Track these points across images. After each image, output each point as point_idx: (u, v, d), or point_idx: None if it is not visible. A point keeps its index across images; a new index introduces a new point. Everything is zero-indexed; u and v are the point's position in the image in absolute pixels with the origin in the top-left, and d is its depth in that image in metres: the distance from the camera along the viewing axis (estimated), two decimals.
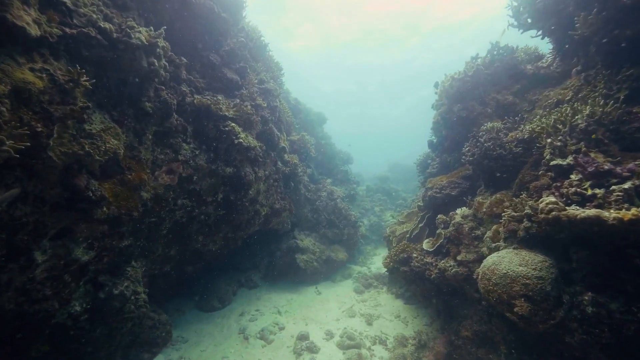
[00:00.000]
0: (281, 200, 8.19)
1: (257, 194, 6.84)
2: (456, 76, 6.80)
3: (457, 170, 6.65)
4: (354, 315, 7.84)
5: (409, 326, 7.22)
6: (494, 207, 4.69)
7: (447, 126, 7.13)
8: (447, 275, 5.24)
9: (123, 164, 4.28)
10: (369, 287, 9.61)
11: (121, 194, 4.23)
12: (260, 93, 6.59)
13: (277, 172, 7.74)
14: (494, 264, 3.90)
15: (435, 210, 7.05)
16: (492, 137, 4.75)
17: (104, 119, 3.91)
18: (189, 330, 7.18)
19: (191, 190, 5.55)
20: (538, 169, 4.27)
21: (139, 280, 4.79)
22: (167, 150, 5.05)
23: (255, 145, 6.06)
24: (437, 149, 8.11)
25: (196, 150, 5.44)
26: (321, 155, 14.00)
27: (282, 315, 7.84)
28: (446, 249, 5.62)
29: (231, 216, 6.57)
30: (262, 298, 8.84)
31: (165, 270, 6.46)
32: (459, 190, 6.20)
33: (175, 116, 4.96)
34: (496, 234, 4.50)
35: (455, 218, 5.40)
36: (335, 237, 10.80)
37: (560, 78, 6.17)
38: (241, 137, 5.59)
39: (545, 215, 3.16)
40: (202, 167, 5.55)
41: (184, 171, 5.30)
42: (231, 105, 5.76)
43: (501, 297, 3.71)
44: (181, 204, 5.49)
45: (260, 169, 6.85)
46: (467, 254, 5.00)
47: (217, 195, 6.04)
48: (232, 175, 6.07)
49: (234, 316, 7.85)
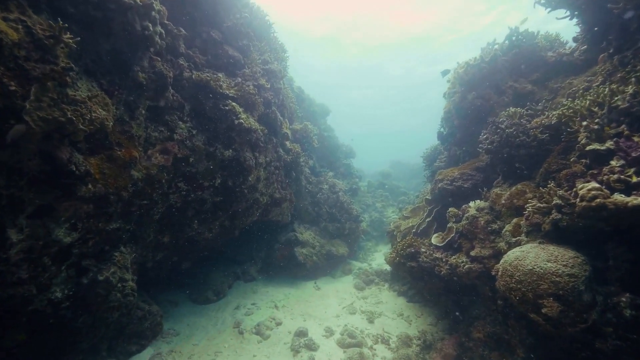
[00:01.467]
0: (282, 190, 7.81)
1: (257, 181, 6.46)
2: (471, 62, 6.42)
3: (469, 162, 6.29)
4: (354, 312, 7.50)
5: (413, 325, 6.89)
6: (515, 198, 4.33)
7: (460, 115, 6.76)
8: (459, 272, 4.90)
9: (112, 138, 3.90)
10: (370, 283, 9.28)
11: (109, 171, 3.85)
12: (264, 74, 6.20)
13: (279, 159, 7.36)
14: (517, 260, 3.54)
15: (444, 204, 6.69)
16: (514, 123, 4.38)
17: (92, 87, 3.52)
18: (181, 322, 6.83)
19: (187, 173, 5.17)
20: (567, 156, 3.91)
21: (127, 266, 4.42)
22: (161, 128, 4.66)
23: (257, 128, 5.67)
24: (447, 141, 7.74)
25: (193, 130, 5.06)
26: (323, 148, 13.62)
27: (280, 310, 7.50)
28: (458, 244, 5.27)
29: (229, 203, 6.20)
30: (259, 292, 8.50)
31: (158, 258, 6.10)
32: (472, 183, 5.85)
33: (172, 91, 4.57)
34: (517, 227, 4.14)
35: (469, 211, 5.04)
36: (336, 231, 10.45)
37: (584, 66, 5.79)
38: (242, 118, 5.20)
39: (587, 203, 2.80)
40: (199, 148, 5.16)
41: (180, 152, 4.92)
42: (232, 84, 5.37)
43: (526, 296, 3.36)
44: (176, 187, 5.12)
45: (261, 154, 6.47)
46: (482, 249, 4.65)
47: (215, 180, 5.66)
48: (231, 159, 5.69)
49: (229, 309, 7.51)
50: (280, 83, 6.87)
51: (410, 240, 6.02)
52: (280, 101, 7.12)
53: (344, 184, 12.00)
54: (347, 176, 13.56)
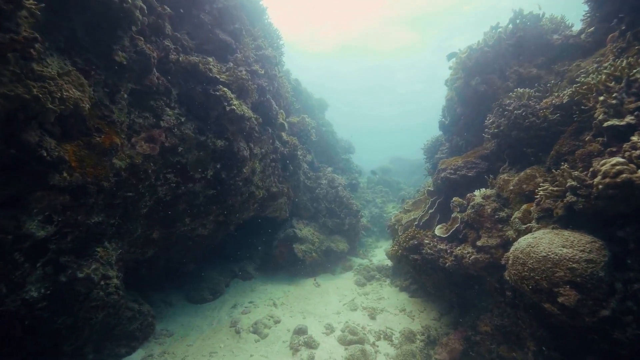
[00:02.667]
0: (279, 184, 7.54)
1: (252, 173, 6.18)
2: (474, 46, 6.14)
3: (473, 150, 6.02)
4: (355, 308, 7.24)
5: (416, 320, 6.62)
6: (524, 184, 4.06)
7: (463, 102, 6.48)
8: (465, 263, 4.63)
9: (90, 123, 3.61)
10: (371, 279, 9.01)
11: (87, 158, 3.57)
12: (257, 60, 5.92)
13: (275, 151, 7.08)
14: (529, 247, 3.28)
15: (447, 195, 6.43)
16: (523, 105, 4.12)
17: (65, 65, 3.24)
18: (175, 322, 6.56)
19: (176, 163, 4.89)
20: (580, 137, 3.65)
21: (111, 263, 4.14)
22: (146, 114, 4.38)
23: (251, 116, 5.39)
24: (449, 131, 7.46)
25: (182, 117, 4.78)
26: (322, 143, 13.34)
27: (278, 308, 7.23)
28: (463, 235, 5.01)
29: (223, 197, 5.92)
30: (257, 290, 8.23)
31: (149, 255, 5.81)
32: (476, 171, 5.58)
33: (157, 74, 4.29)
34: (527, 214, 3.87)
35: (475, 199, 4.77)
36: (335, 227, 10.18)
37: (592, 48, 5.53)
38: (234, 104, 4.92)
39: (611, 180, 2.53)
40: (189, 137, 4.88)
41: (167, 140, 4.64)
42: (223, 70, 5.09)
43: (539, 284, 3.09)
44: (164, 178, 4.83)
45: (256, 145, 6.19)
46: (489, 238, 4.39)
47: (207, 171, 5.38)
48: (223, 149, 5.41)
49: (226, 308, 7.24)
50: (275, 70, 6.59)
51: (413, 232, 5.75)
52: (275, 89, 6.84)
53: (343, 179, 11.73)
54: (347, 171, 13.28)
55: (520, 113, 4.04)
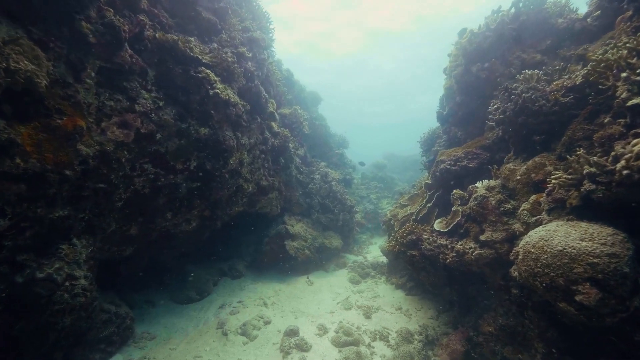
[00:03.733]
0: (269, 177, 7.15)
1: (240, 165, 5.78)
2: (476, 31, 5.82)
3: (474, 140, 5.72)
4: (350, 307, 6.92)
5: (413, 319, 6.33)
6: (532, 173, 3.76)
7: (463, 91, 6.17)
8: (467, 259, 4.33)
9: (50, 103, 3.18)
10: (365, 277, 8.71)
11: (46, 143, 3.14)
12: (245, 43, 5.51)
13: (265, 142, 6.68)
14: (542, 240, 2.97)
15: (446, 188, 6.12)
16: (531, 87, 3.81)
17: (15, 34, 2.80)
18: (158, 324, 6.15)
19: (154, 152, 4.47)
20: (594, 121, 3.34)
21: (78, 262, 3.72)
22: (118, 96, 3.94)
23: (237, 102, 4.98)
24: (447, 121, 7.15)
25: (160, 102, 4.35)
26: (315, 137, 12.95)
27: (269, 308, 6.87)
28: (464, 229, 4.70)
29: (208, 190, 5.51)
30: (247, 288, 7.85)
31: (128, 254, 5.38)
32: (478, 162, 5.28)
33: (129, 51, 3.85)
34: (536, 205, 3.57)
35: (478, 191, 4.47)
36: (329, 223, 9.84)
37: (599, 32, 5.25)
38: (218, 88, 4.51)
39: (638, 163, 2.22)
40: (168, 123, 4.46)
41: (144, 127, 4.21)
42: (206, 51, 4.67)
43: (555, 282, 2.79)
44: (141, 169, 4.41)
45: (244, 135, 5.78)
46: (494, 232, 4.08)
47: (190, 162, 4.97)
48: (208, 138, 5.00)
49: (213, 309, 6.84)
50: (265, 54, 6.18)
51: (410, 226, 5.43)
52: (264, 75, 6.42)
53: (337, 174, 11.38)
54: (341, 166, 12.94)
55: (528, 96, 3.73)
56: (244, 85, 5.33)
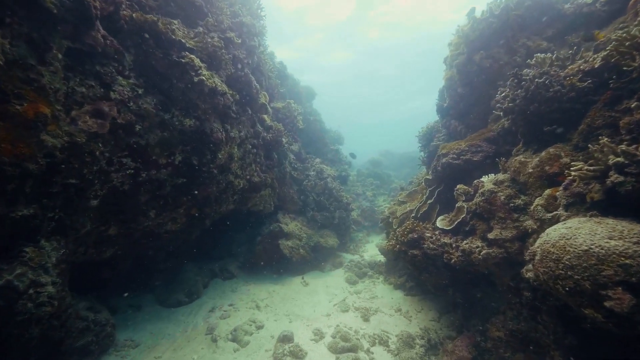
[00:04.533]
0: (262, 173, 6.77)
1: (230, 159, 5.40)
2: (479, 17, 5.52)
3: (477, 133, 5.42)
4: (347, 309, 6.60)
5: (413, 322, 6.05)
6: (546, 165, 3.46)
7: (464, 82, 5.88)
8: (474, 259, 4.03)
9: (7, 87, 2.77)
10: (363, 276, 8.41)
11: (2, 132, 2.74)
12: (234, 28, 5.11)
13: (256, 136, 6.31)
14: (563, 239, 2.67)
15: (447, 183, 5.83)
16: (544, 72, 3.51)
17: None
18: (143, 330, 5.76)
19: (133, 145, 4.07)
20: (616, 107, 3.05)
21: (45, 267, 3.32)
22: (91, 82, 3.54)
23: (225, 91, 4.60)
24: (447, 114, 6.85)
25: (139, 89, 3.95)
26: (310, 133, 12.61)
27: (262, 311, 6.52)
28: (470, 226, 4.40)
29: (195, 187, 5.13)
30: (239, 290, 7.49)
31: (108, 255, 4.99)
32: (482, 155, 4.98)
33: (102, 31, 3.45)
34: (551, 200, 3.27)
35: (485, 186, 4.16)
36: (325, 221, 9.51)
37: (608, 17, 4.99)
38: (203, 75, 4.13)
39: None
40: (149, 113, 4.07)
41: (121, 116, 3.82)
42: (191, 35, 4.28)
43: (580, 285, 2.49)
44: (119, 163, 4.01)
45: (234, 127, 5.40)
46: (503, 230, 3.79)
47: (174, 156, 4.58)
48: (193, 130, 4.61)
49: (203, 312, 6.47)
50: (255, 41, 5.79)
51: (411, 224, 5.12)
52: (255, 64, 6.04)
53: (333, 171, 11.05)
54: (336, 163, 12.61)
55: (541, 82, 3.43)
56: (232, 73, 4.94)
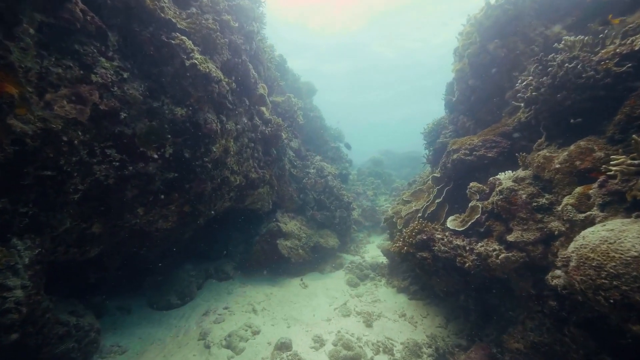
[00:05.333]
0: (259, 170, 6.41)
1: (225, 154, 5.04)
2: (493, 2, 5.17)
3: (490, 128, 5.08)
4: (348, 314, 6.25)
5: (419, 328, 5.70)
6: (576, 160, 3.12)
7: (476, 73, 5.53)
8: (492, 264, 3.68)
9: None
10: (364, 279, 8.06)
11: None
12: (230, 11, 4.75)
13: (254, 129, 5.94)
14: (605, 243, 2.32)
15: (457, 182, 5.49)
16: (575, 57, 3.17)
17: None
18: (131, 335, 5.40)
19: (119, 135, 3.70)
20: None
21: (15, 268, 2.95)
22: (68, 62, 3.16)
23: (220, 78, 4.24)
24: (456, 109, 6.50)
25: (124, 73, 3.58)
26: (310, 130, 12.24)
27: (258, 315, 6.16)
28: (485, 227, 4.06)
29: (187, 182, 4.76)
30: (234, 292, 7.12)
31: (93, 255, 4.61)
32: (497, 151, 4.64)
33: (81, 5, 3.08)
34: (584, 199, 2.93)
35: (503, 183, 3.82)
36: (325, 221, 9.16)
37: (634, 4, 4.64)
38: (196, 58, 3.77)
39: None
40: (136, 100, 3.69)
41: (103, 102, 3.44)
42: (183, 15, 3.91)
43: (629, 298, 2.14)
44: (103, 154, 3.64)
45: (230, 119, 5.04)
46: (525, 232, 3.44)
47: (164, 148, 4.21)
48: (185, 120, 4.25)
49: (196, 316, 6.11)
50: (253, 26, 5.42)
51: (420, 224, 4.77)
52: (253, 52, 5.67)
53: (333, 169, 10.69)
54: (337, 160, 12.25)
55: (572, 67, 3.09)
56: (228, 60, 4.57)
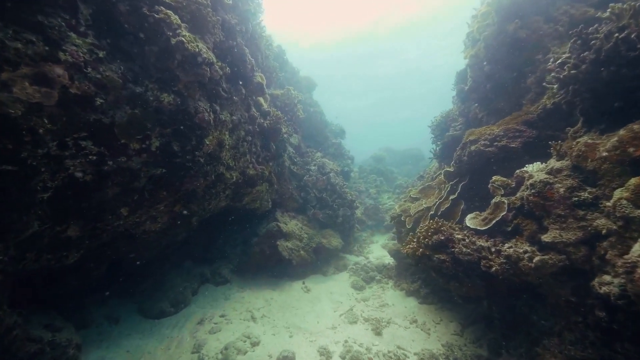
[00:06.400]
0: (257, 166, 5.93)
1: (220, 147, 4.56)
2: None
3: (511, 117, 4.62)
4: (355, 320, 5.80)
5: (433, 336, 5.25)
6: (630, 146, 2.66)
7: (493, 57, 5.06)
8: (524, 268, 3.22)
9: None
10: (370, 281, 7.61)
11: None
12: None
13: (252, 121, 5.46)
14: None
15: (473, 176, 5.03)
16: (625, 26, 2.71)
17: None
18: (118, 348, 4.92)
19: (95, 124, 3.22)
20: None
21: None
22: (31, 37, 2.68)
23: (212, 60, 3.75)
24: (469, 98, 6.03)
25: (99, 52, 3.09)
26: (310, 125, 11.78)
27: (257, 323, 5.69)
28: (513, 226, 3.60)
29: (177, 179, 4.28)
30: (232, 298, 6.65)
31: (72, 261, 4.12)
32: (521, 141, 4.18)
33: None
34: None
35: (535, 176, 3.36)
36: (327, 220, 8.69)
37: None
38: (184, 36, 3.29)
39: None
40: (114, 83, 3.21)
41: (75, 85, 2.96)
42: None
43: None
44: (76, 146, 3.16)
45: (225, 109, 4.56)
46: (564, 231, 2.98)
47: (150, 140, 3.73)
48: (173, 108, 3.76)
49: (190, 325, 5.64)
50: (250, 5, 4.93)
51: (436, 223, 4.31)
52: (249, 34, 5.18)
53: (336, 165, 10.23)
54: (338, 157, 11.79)
55: (624, 37, 2.64)
56: (222, 41, 4.09)
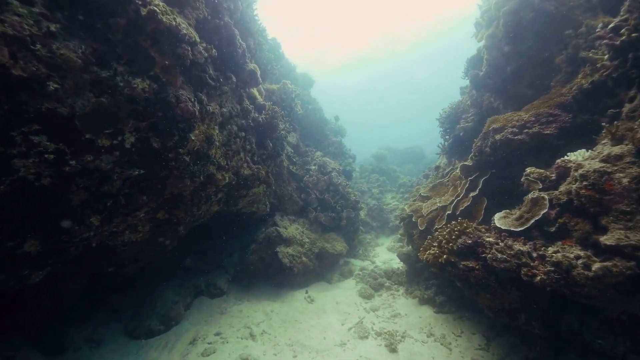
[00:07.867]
0: (253, 165, 5.33)
1: (208, 144, 3.96)
2: None
3: (540, 100, 4.05)
4: (366, 335, 5.19)
5: (455, 352, 4.66)
6: None
7: (514, 36, 4.48)
8: (578, 277, 2.64)
9: None
10: (379, 288, 7.00)
11: None
12: None
13: (245, 115, 4.87)
14: None
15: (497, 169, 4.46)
16: None
17: None
18: None
19: (47, 114, 2.62)
20: None
21: None
22: None
23: (195, 39, 3.17)
24: (485, 84, 5.45)
25: (52, 25, 2.50)
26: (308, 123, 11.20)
27: (257, 341, 5.08)
28: (558, 227, 3.02)
29: (159, 181, 3.68)
30: (228, 312, 6.03)
31: (38, 280, 3.53)
32: (556, 127, 3.61)
33: None
34: None
35: (585, 165, 2.78)
36: (330, 223, 8.10)
37: None
38: (156, 5, 2.71)
39: None
40: (73, 65, 2.61)
41: (18, 65, 2.36)
42: None
43: None
44: (27, 143, 2.56)
45: (213, 99, 3.96)
46: (631, 232, 2.41)
47: (122, 135, 3.13)
48: (149, 96, 3.17)
49: (181, 345, 5.02)
50: None
51: (460, 225, 3.72)
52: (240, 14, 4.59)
53: (337, 164, 9.65)
54: (339, 156, 11.20)
55: None
56: (206, 19, 3.50)
